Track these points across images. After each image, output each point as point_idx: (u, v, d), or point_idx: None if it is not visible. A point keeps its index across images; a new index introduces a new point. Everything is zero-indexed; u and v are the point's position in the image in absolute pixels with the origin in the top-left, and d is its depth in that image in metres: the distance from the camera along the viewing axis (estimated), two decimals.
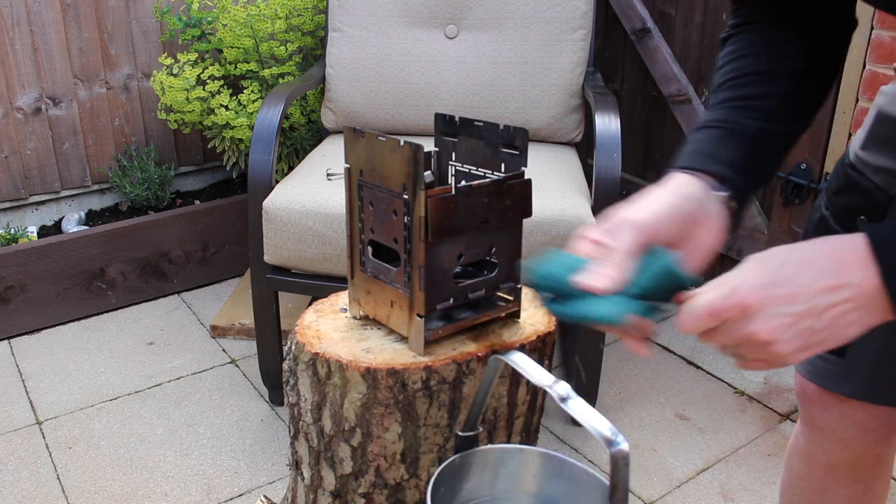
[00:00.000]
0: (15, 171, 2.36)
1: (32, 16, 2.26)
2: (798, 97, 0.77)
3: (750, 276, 0.60)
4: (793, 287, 0.59)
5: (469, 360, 0.86)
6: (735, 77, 0.77)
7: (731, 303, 0.60)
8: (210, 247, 2.44)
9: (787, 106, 0.76)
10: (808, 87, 0.77)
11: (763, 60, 0.77)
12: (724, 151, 0.74)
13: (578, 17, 2.00)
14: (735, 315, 0.60)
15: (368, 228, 0.90)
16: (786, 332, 0.59)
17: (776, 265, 0.60)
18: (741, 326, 0.60)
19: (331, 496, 0.94)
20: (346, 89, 2.06)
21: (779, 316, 0.59)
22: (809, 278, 0.59)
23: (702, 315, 0.62)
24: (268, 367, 1.82)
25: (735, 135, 0.75)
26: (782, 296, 0.59)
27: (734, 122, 0.75)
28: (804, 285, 0.59)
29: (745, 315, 0.59)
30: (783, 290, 0.59)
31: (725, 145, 0.74)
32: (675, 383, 2.00)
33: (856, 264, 0.58)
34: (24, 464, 1.71)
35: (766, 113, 0.75)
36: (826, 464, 1.00)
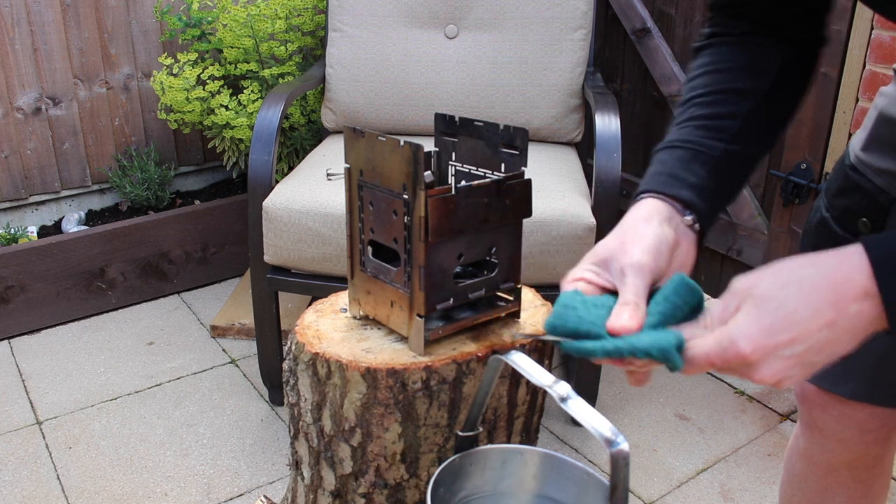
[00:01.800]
0: (15, 171, 2.36)
1: (32, 16, 2.26)
2: (764, 117, 0.77)
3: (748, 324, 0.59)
4: (793, 331, 0.58)
5: (469, 360, 0.86)
6: (703, 94, 0.78)
7: (731, 355, 0.59)
8: (210, 247, 2.44)
9: (753, 126, 0.76)
10: (775, 106, 0.77)
11: (732, 77, 0.77)
12: (689, 174, 0.74)
13: (578, 17, 2.00)
14: (737, 365, 0.60)
15: (368, 228, 0.90)
16: (789, 371, 0.59)
17: (774, 306, 0.59)
18: (745, 372, 0.60)
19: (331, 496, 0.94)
20: (346, 89, 2.06)
21: (782, 359, 0.58)
22: (809, 316, 0.58)
23: (702, 366, 0.62)
24: (268, 367, 1.82)
25: (699, 156, 0.75)
26: (783, 342, 0.58)
27: (699, 143, 0.75)
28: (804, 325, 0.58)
29: (747, 365, 0.59)
30: (783, 336, 0.58)
31: (690, 167, 0.75)
32: (675, 383, 2.00)
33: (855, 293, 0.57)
34: (24, 464, 1.71)
35: (732, 134, 0.75)
36: (826, 464, 1.00)
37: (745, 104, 0.76)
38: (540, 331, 0.86)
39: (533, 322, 0.94)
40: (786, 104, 0.79)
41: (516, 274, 0.92)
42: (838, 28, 1.83)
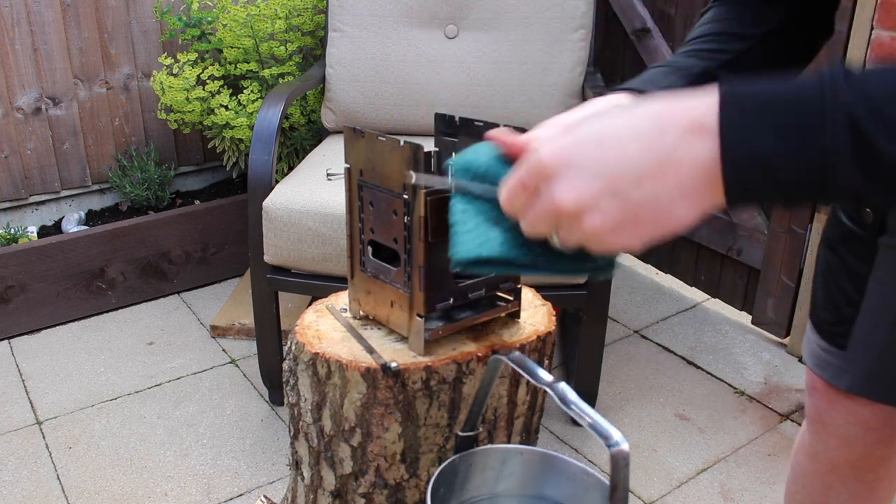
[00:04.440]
0: (15, 171, 2.36)
1: (32, 16, 2.26)
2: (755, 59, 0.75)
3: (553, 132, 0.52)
4: (603, 143, 0.48)
5: (469, 360, 0.86)
6: (700, 36, 0.77)
7: (531, 166, 0.51)
8: (210, 247, 2.44)
9: (742, 61, 0.74)
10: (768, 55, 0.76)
11: (725, 25, 0.76)
12: (665, 81, 0.72)
13: (578, 17, 2.00)
14: (539, 181, 0.51)
15: (368, 228, 0.90)
16: (597, 200, 0.48)
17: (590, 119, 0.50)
18: (546, 195, 0.51)
19: (331, 496, 0.94)
20: (346, 89, 2.06)
21: (585, 177, 0.49)
22: (626, 132, 0.48)
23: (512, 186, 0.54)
24: (268, 367, 1.82)
25: (679, 70, 0.73)
26: (590, 154, 0.48)
27: (682, 62, 0.74)
28: (618, 141, 0.48)
29: (546, 178, 0.50)
30: (593, 148, 0.48)
31: (668, 77, 0.73)
32: (675, 383, 2.00)
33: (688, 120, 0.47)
34: (24, 464, 1.71)
35: (720, 63, 0.74)
36: (829, 461, 1.00)
37: (737, 43, 0.75)
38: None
39: (533, 322, 0.94)
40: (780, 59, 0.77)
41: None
42: (838, 28, 1.82)
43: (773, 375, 2.04)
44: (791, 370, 2.06)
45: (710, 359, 2.11)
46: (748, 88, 0.47)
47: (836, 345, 0.90)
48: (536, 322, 0.94)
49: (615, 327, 2.25)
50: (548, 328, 0.93)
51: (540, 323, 0.94)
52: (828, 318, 0.91)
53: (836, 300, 0.90)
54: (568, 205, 0.49)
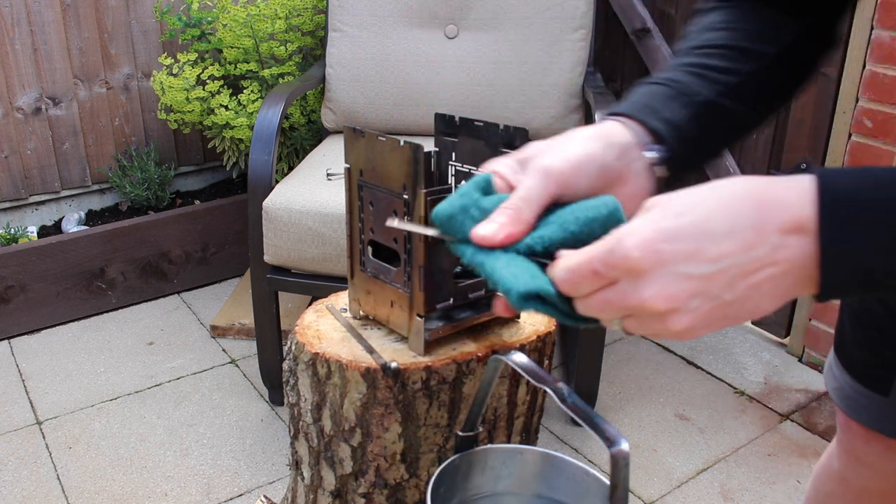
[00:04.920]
0: (15, 171, 2.36)
1: (32, 16, 2.26)
2: (763, 83, 0.68)
3: (642, 225, 0.47)
4: (698, 242, 0.45)
5: (469, 360, 0.86)
6: (702, 46, 0.69)
7: (616, 258, 0.47)
8: (210, 247, 2.44)
9: (750, 87, 0.67)
10: (777, 77, 0.69)
11: (742, 36, 0.68)
12: (666, 110, 0.63)
13: (578, 17, 2.00)
14: (620, 273, 0.47)
15: (368, 228, 0.90)
16: (688, 302, 0.46)
17: (680, 210, 0.47)
18: (630, 290, 0.47)
19: (331, 496, 0.94)
20: (346, 89, 2.06)
21: (679, 278, 0.45)
22: (722, 231, 0.45)
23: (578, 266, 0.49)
24: (268, 367, 1.82)
25: (683, 97, 0.64)
26: (684, 252, 0.45)
27: (686, 84, 0.65)
28: (713, 239, 0.45)
29: (633, 274, 0.47)
30: (686, 245, 0.45)
31: (669, 104, 0.63)
32: (675, 383, 2.00)
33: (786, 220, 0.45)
34: (24, 464, 1.71)
35: (725, 87, 0.65)
36: (860, 488, 0.96)
37: (749, 63, 0.66)
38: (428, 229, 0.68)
39: (533, 322, 0.94)
40: (788, 79, 0.70)
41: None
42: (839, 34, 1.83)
43: (773, 375, 2.04)
44: (791, 370, 2.06)
45: (710, 359, 2.11)
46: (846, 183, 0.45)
47: (877, 390, 0.85)
48: (536, 322, 0.94)
49: None
50: (548, 328, 0.93)
51: (540, 323, 0.94)
52: (864, 361, 0.86)
53: (877, 345, 0.84)
54: (658, 307, 0.46)
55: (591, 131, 0.61)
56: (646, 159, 0.61)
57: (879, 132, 1.78)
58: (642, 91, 0.66)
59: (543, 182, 0.57)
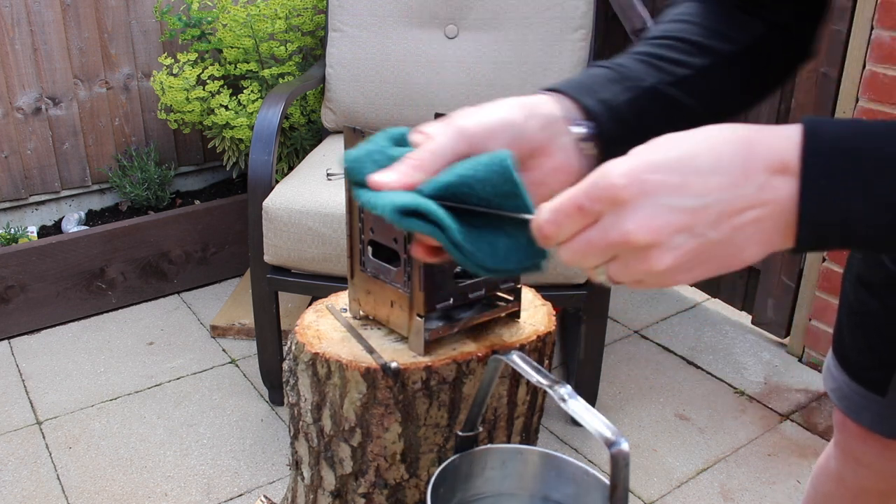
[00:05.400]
0: (15, 171, 2.36)
1: (32, 16, 2.26)
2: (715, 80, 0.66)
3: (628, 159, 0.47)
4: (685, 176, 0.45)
5: (469, 360, 0.86)
6: (659, 38, 0.67)
7: (600, 190, 0.46)
8: (210, 247, 2.44)
9: (699, 81, 0.65)
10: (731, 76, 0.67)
11: (698, 31, 0.66)
12: (604, 91, 0.61)
13: (578, 17, 2.00)
14: (604, 206, 0.46)
15: (368, 228, 0.90)
16: (672, 237, 0.45)
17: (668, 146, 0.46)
18: (613, 224, 0.46)
19: (331, 496, 0.94)
20: (346, 89, 2.06)
21: (664, 210, 0.45)
22: (708, 165, 0.45)
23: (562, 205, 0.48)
24: (268, 367, 1.82)
25: (626, 81, 0.62)
26: (670, 184, 0.45)
27: (632, 70, 0.63)
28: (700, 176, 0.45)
29: (617, 205, 0.46)
30: (672, 177, 0.45)
31: (609, 86, 0.62)
32: (675, 383, 2.00)
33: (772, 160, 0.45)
34: (24, 464, 1.71)
35: (672, 78, 0.64)
36: (857, 488, 0.96)
37: (699, 58, 0.65)
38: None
39: (533, 322, 0.94)
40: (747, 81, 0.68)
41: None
42: (838, 28, 1.83)
43: (773, 375, 2.04)
44: (791, 370, 2.06)
45: (710, 359, 2.11)
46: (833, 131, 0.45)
47: (875, 390, 0.85)
48: (536, 322, 0.94)
49: (615, 327, 2.25)
50: (548, 328, 0.93)
51: (540, 323, 0.94)
52: (863, 363, 0.86)
53: (874, 345, 0.84)
54: (641, 239, 0.45)
55: (519, 100, 0.59)
56: (573, 134, 0.59)
57: None
58: (586, 73, 0.65)
59: (454, 139, 0.56)
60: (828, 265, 1.97)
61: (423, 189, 0.55)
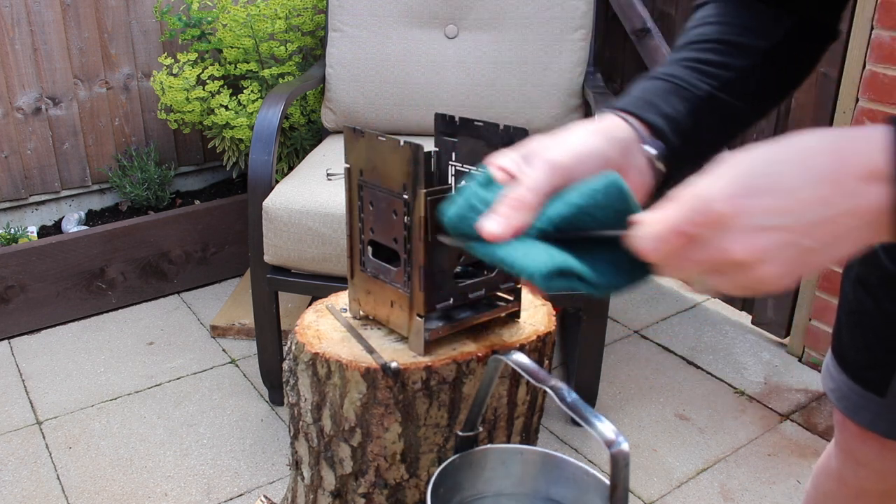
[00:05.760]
0: (15, 171, 2.36)
1: (32, 16, 2.26)
2: (760, 78, 0.68)
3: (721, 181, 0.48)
4: (779, 195, 0.47)
5: (469, 360, 0.86)
6: (698, 42, 0.69)
7: (700, 215, 0.48)
8: (210, 247, 2.44)
9: (747, 82, 0.67)
10: (774, 72, 0.69)
11: (733, 31, 0.68)
12: (666, 105, 0.64)
13: (578, 17, 2.00)
14: (707, 230, 0.48)
15: (368, 228, 0.90)
16: (772, 252, 0.47)
17: (758, 164, 0.48)
18: (715, 244, 0.48)
19: (331, 496, 0.94)
20: (346, 89, 2.06)
21: (763, 230, 0.47)
22: (800, 183, 0.47)
23: (666, 233, 0.50)
24: (268, 367, 1.82)
25: (682, 92, 0.65)
26: (764, 205, 0.47)
27: (684, 80, 0.66)
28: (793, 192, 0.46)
29: (719, 228, 0.48)
30: (765, 198, 0.47)
31: (668, 99, 0.64)
32: (675, 383, 2.00)
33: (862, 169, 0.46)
34: (24, 464, 1.71)
35: (723, 82, 0.66)
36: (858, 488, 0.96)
37: (742, 58, 0.67)
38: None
39: (533, 322, 0.94)
40: (785, 74, 0.70)
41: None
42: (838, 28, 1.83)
43: (773, 375, 2.04)
44: (791, 370, 2.06)
45: (710, 359, 2.11)
46: None
47: (873, 390, 0.85)
48: (536, 322, 0.94)
49: (615, 327, 2.25)
50: (548, 328, 0.93)
51: (540, 323, 0.94)
52: (861, 363, 0.86)
53: (872, 345, 0.84)
54: (745, 259, 0.47)
55: (594, 126, 0.61)
56: (646, 154, 0.62)
57: None
58: (641, 86, 0.67)
59: (548, 174, 0.57)
60: None
61: (538, 225, 0.56)
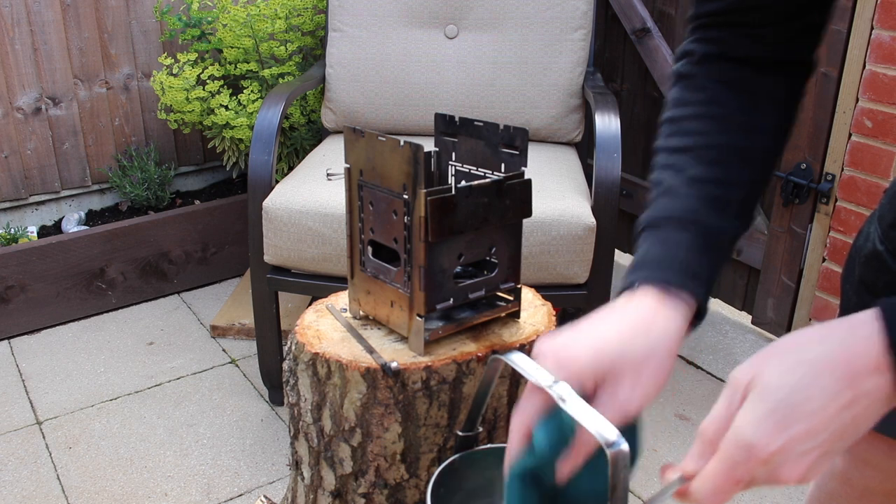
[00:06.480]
0: (15, 171, 2.36)
1: (32, 16, 2.26)
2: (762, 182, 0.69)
3: (759, 422, 0.53)
4: (809, 421, 0.53)
5: (469, 360, 0.86)
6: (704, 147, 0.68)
7: (752, 464, 0.54)
8: (210, 247, 2.44)
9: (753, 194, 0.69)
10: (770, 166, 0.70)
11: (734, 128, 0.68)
12: (701, 266, 0.65)
13: (578, 17, 2.00)
14: (759, 472, 0.54)
15: (368, 228, 0.90)
16: (815, 464, 0.54)
17: (782, 394, 0.53)
18: (768, 477, 0.54)
19: (331, 496, 0.94)
20: (346, 89, 2.06)
21: (805, 454, 0.53)
22: (823, 402, 0.53)
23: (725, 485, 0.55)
24: (268, 367, 1.82)
25: (710, 239, 0.66)
26: (801, 435, 0.53)
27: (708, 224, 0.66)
28: (819, 413, 0.53)
29: (766, 466, 0.54)
30: (799, 427, 0.53)
31: (701, 257, 0.65)
32: (675, 383, 2.00)
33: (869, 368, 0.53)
34: (24, 464, 1.71)
35: (737, 207, 0.67)
36: (863, 487, 0.96)
37: (752, 165, 0.68)
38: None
39: (533, 322, 0.94)
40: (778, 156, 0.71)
41: (516, 274, 0.92)
42: (838, 28, 1.83)
43: None
44: None
45: (710, 359, 2.11)
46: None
47: None
48: (536, 322, 0.94)
49: None
50: (548, 328, 0.93)
51: (540, 323, 0.94)
52: None
53: None
54: (794, 481, 0.53)
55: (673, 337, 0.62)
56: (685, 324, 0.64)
57: (879, 132, 1.78)
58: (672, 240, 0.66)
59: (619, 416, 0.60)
60: (828, 265, 1.97)
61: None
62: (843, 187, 1.88)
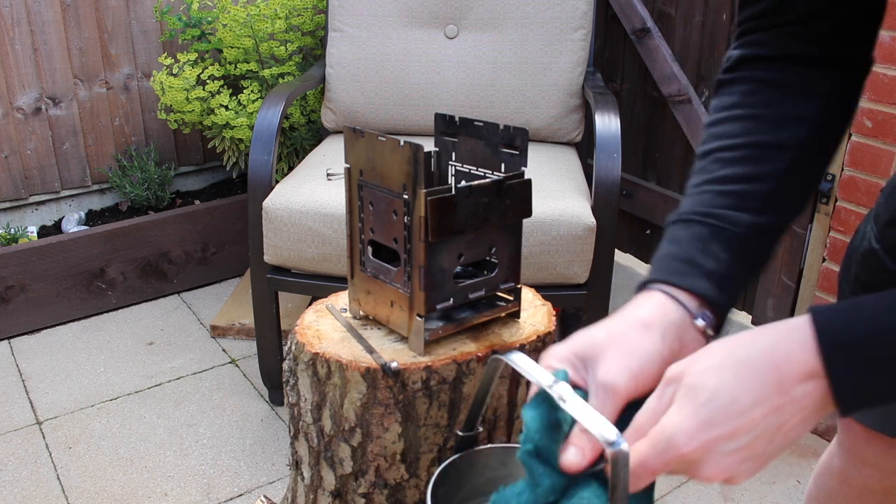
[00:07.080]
0: (15, 171, 2.36)
1: (32, 16, 2.26)
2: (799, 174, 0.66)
3: (683, 419, 0.53)
4: (734, 422, 0.52)
5: (469, 360, 0.86)
6: (729, 147, 0.67)
7: (670, 457, 0.54)
8: (210, 247, 2.44)
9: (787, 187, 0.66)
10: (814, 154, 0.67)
11: (768, 126, 0.66)
12: (708, 258, 0.64)
13: (578, 17, 2.00)
14: (677, 466, 0.54)
15: (368, 228, 0.90)
16: (738, 467, 0.54)
17: (708, 395, 0.53)
18: (690, 472, 0.55)
19: (331, 496, 0.94)
20: (346, 89, 2.06)
21: (727, 455, 0.53)
22: (750, 404, 0.52)
23: (643, 475, 0.55)
24: (268, 367, 1.82)
25: (723, 233, 0.64)
26: (724, 435, 0.52)
27: (721, 216, 0.65)
28: (746, 415, 0.52)
29: (689, 464, 0.54)
30: (724, 428, 0.52)
31: (709, 249, 0.64)
32: None
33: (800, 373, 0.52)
34: (24, 464, 1.71)
35: (761, 200, 0.65)
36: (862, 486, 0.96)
37: (780, 160, 0.65)
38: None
39: (533, 322, 0.94)
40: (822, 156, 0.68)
41: (516, 274, 0.92)
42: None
43: None
44: None
45: None
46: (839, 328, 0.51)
47: None
48: (536, 322, 0.94)
49: None
50: (548, 328, 0.93)
51: (540, 323, 0.94)
52: None
53: None
54: (716, 479, 0.54)
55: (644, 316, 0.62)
56: (698, 328, 0.63)
57: (879, 132, 1.78)
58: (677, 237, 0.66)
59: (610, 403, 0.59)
60: (828, 265, 1.97)
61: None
62: (843, 187, 1.88)
